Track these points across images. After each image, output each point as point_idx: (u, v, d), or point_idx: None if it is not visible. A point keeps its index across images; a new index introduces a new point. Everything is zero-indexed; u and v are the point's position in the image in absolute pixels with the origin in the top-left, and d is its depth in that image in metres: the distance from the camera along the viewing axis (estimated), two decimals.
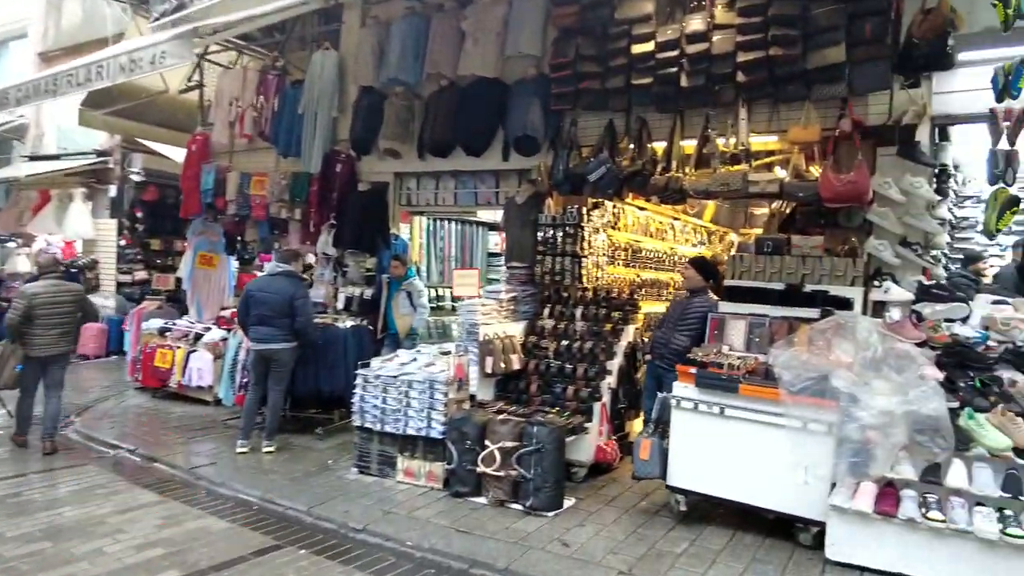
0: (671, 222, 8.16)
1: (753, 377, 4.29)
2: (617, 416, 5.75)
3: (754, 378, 4.28)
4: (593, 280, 6.40)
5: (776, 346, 4.69)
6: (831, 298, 4.90)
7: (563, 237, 6.21)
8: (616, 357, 5.77)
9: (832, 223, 5.33)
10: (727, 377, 4.27)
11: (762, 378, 4.30)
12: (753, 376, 4.31)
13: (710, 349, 4.74)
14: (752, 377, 4.29)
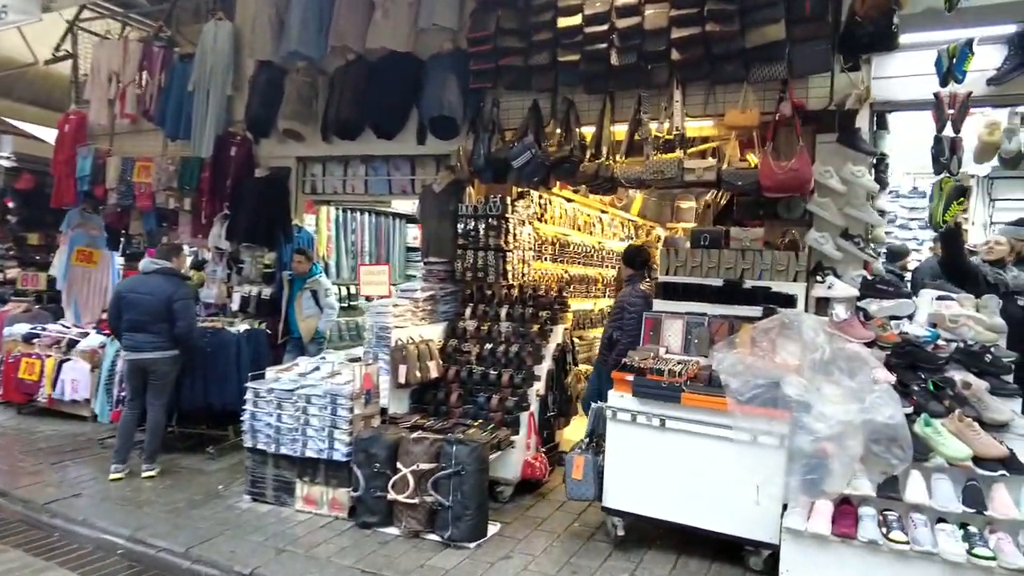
0: (599, 215, 7.70)
1: (696, 384, 3.82)
2: (546, 426, 5.20)
3: (697, 385, 3.81)
4: (519, 277, 5.84)
5: (717, 348, 4.25)
6: (773, 295, 4.51)
7: (485, 229, 5.61)
8: (544, 361, 5.23)
9: (772, 214, 4.95)
10: (667, 385, 3.78)
11: (706, 385, 3.83)
12: (696, 383, 3.84)
13: (647, 352, 4.25)
14: (695, 384, 3.82)
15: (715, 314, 4.55)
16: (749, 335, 4.27)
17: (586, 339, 7.22)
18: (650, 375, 3.85)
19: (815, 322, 4.25)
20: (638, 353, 4.19)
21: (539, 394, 5.13)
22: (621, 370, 3.93)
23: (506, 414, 4.84)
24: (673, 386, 3.75)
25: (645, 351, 4.26)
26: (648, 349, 4.32)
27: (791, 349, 4.13)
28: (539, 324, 5.30)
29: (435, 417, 4.94)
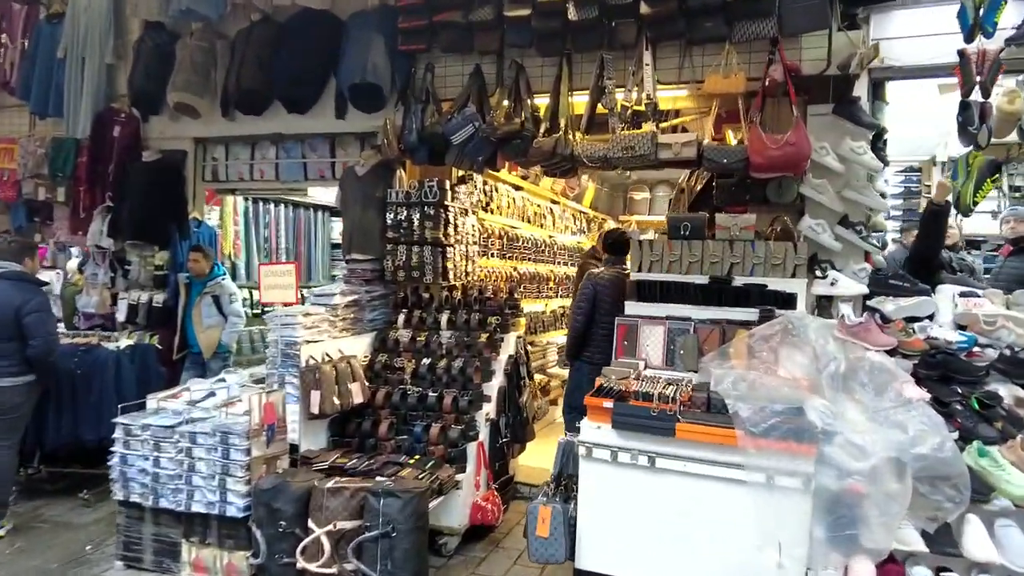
0: (549, 206, 6.83)
1: (693, 412, 2.96)
2: (498, 456, 4.28)
3: (694, 413, 2.95)
4: (462, 276, 4.89)
5: (709, 361, 3.43)
6: (769, 294, 3.71)
7: (420, 220, 4.63)
8: (495, 377, 4.30)
9: (760, 199, 4.16)
10: (658, 413, 2.91)
11: (705, 412, 2.98)
12: (692, 410, 2.98)
13: (625, 369, 3.37)
14: (692, 412, 2.96)
15: (701, 318, 3.72)
16: (745, 344, 3.46)
17: (538, 345, 6.34)
18: (634, 400, 2.97)
19: (822, 326, 3.47)
20: (615, 370, 3.30)
21: (489, 418, 4.20)
22: (597, 394, 3.04)
23: (449, 447, 3.88)
24: (665, 415, 2.88)
25: (623, 368, 3.38)
26: (625, 366, 3.44)
27: (798, 360, 3.33)
28: (487, 333, 4.37)
29: (360, 454, 3.93)
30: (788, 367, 3.34)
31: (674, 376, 3.33)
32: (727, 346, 3.48)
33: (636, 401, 2.97)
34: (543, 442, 5.51)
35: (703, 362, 3.47)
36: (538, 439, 5.02)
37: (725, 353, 3.46)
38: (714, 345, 3.57)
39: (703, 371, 3.37)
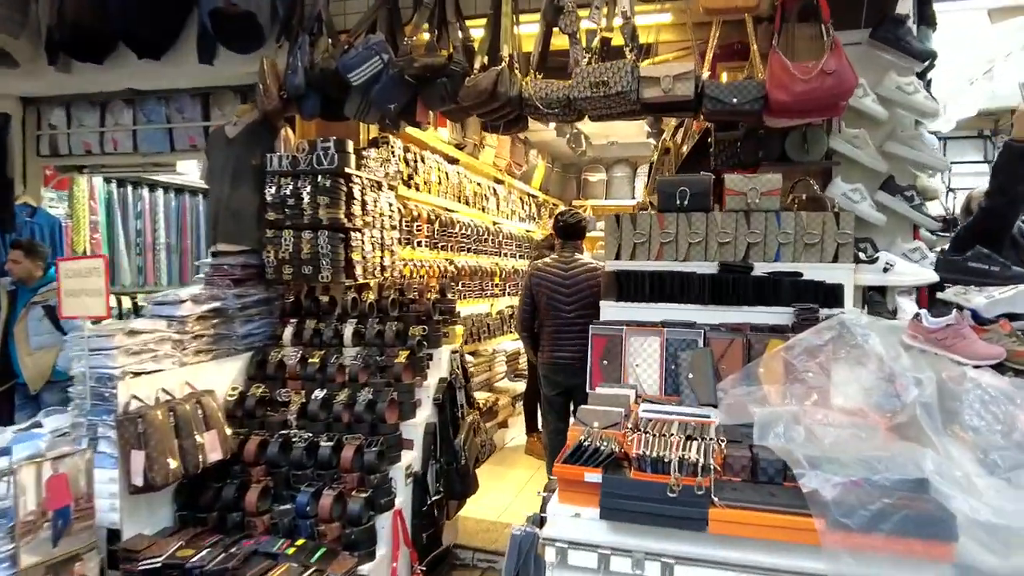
0: (492, 186, 5.57)
1: (732, 487, 1.76)
2: (427, 523, 3.01)
3: (736, 489, 1.75)
4: (375, 272, 3.59)
5: (728, 386, 2.28)
6: (807, 286, 2.57)
7: (313, 195, 3.31)
8: (420, 411, 3.05)
9: (776, 158, 3.01)
10: (680, 493, 1.69)
11: (748, 482, 1.78)
12: (730, 483, 1.77)
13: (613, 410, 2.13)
14: (731, 487, 1.75)
15: (712, 323, 2.55)
16: (781, 360, 2.30)
17: (483, 355, 5.10)
18: (637, 471, 1.75)
19: (888, 331, 2.34)
20: (596, 411, 2.07)
21: (411, 472, 2.94)
22: (574, 460, 1.81)
23: (349, 524, 2.59)
24: (691, 495, 1.67)
25: (607, 405, 2.15)
26: (608, 401, 2.21)
27: (864, 383, 2.20)
28: (409, 349, 3.09)
29: (217, 538, 2.60)
30: (848, 394, 2.20)
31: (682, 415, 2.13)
32: (754, 365, 2.32)
33: (641, 473, 1.75)
34: (492, 480, 4.29)
35: (723, 389, 2.30)
36: (485, 476, 3.80)
37: (752, 376, 2.30)
38: (735, 364, 2.40)
39: (730, 407, 2.19)
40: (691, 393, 2.33)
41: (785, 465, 1.79)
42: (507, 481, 4.42)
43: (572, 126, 5.88)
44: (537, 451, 4.83)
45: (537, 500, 2.18)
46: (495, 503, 4.05)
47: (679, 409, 2.24)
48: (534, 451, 4.87)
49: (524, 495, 4.18)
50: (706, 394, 2.31)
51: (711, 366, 2.37)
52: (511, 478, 4.50)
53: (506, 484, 4.35)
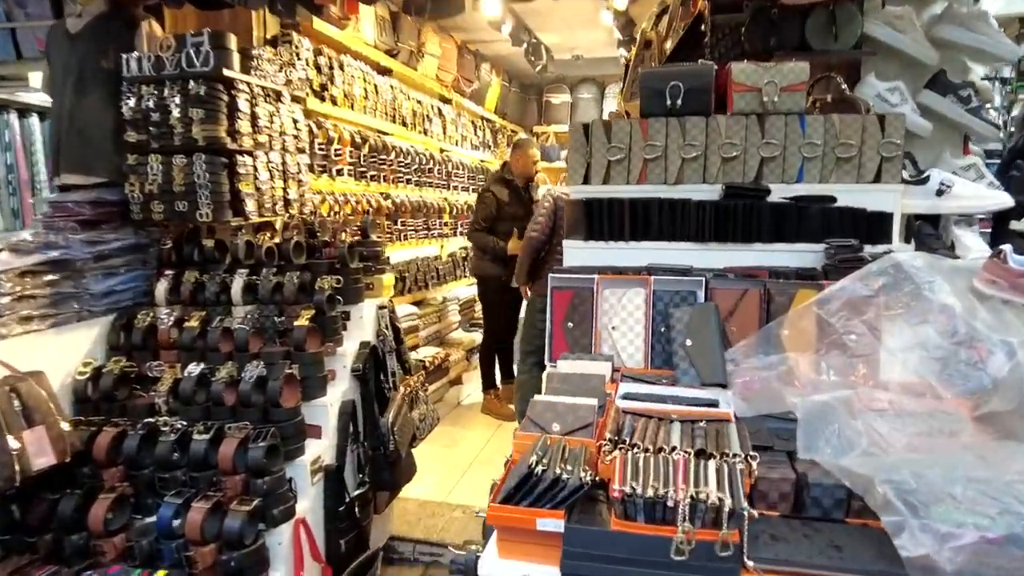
0: (437, 105, 4.71)
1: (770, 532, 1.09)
2: (346, 526, 2.34)
3: (777, 539, 1.09)
4: (276, 208, 2.79)
5: (742, 354, 1.61)
6: (843, 215, 1.89)
7: (184, 107, 2.46)
8: (333, 387, 2.34)
9: (793, 46, 2.26)
10: (692, 554, 1.02)
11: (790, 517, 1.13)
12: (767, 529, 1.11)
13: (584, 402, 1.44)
14: (773, 537, 1.09)
15: (713, 269, 1.86)
16: (814, 318, 1.64)
17: (431, 304, 4.38)
18: (620, 521, 1.08)
19: (952, 274, 1.68)
20: (555, 404, 1.38)
21: (322, 466, 2.25)
22: (521, 495, 1.13)
23: (229, 548, 1.89)
24: (711, 556, 1.01)
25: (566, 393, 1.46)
26: (574, 386, 1.52)
27: (934, 348, 1.56)
28: (316, 308, 2.35)
29: (51, 570, 1.90)
30: (910, 365, 1.56)
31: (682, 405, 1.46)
32: (776, 325, 1.65)
33: (626, 522, 1.07)
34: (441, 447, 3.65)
35: (734, 360, 1.63)
36: (434, 442, 3.17)
37: (773, 340, 1.65)
38: (749, 324, 1.72)
39: (747, 389, 1.52)
40: (689, 368, 1.65)
41: (849, 493, 1.13)
42: (460, 448, 3.78)
43: (531, 34, 5.01)
44: (496, 409, 4.21)
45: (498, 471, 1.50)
46: (444, 478, 3.41)
47: (675, 392, 1.56)
48: (492, 409, 4.24)
49: (480, 465, 3.56)
50: (711, 369, 1.63)
51: (717, 328, 1.68)
52: (465, 443, 3.85)
53: (458, 452, 3.71)
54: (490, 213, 3.90)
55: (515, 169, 3.94)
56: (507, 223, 3.88)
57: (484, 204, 3.92)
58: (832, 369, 1.61)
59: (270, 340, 2.40)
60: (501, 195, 3.91)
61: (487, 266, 3.99)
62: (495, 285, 3.95)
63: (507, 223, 3.88)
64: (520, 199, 3.96)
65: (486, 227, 3.92)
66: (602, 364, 1.69)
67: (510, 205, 3.92)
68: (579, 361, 1.70)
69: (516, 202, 3.94)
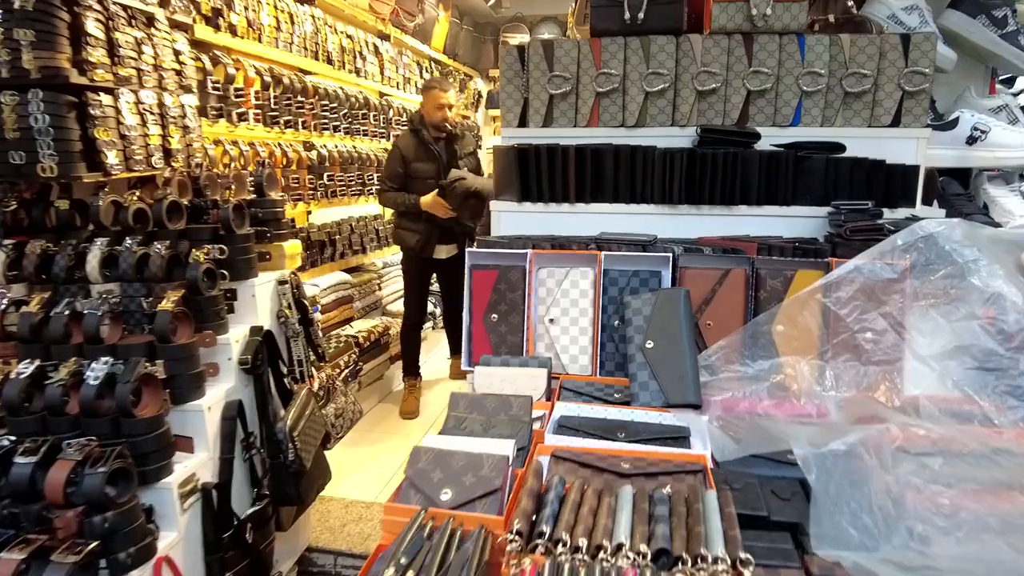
0: (373, 41, 4.10)
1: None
2: (235, 555, 1.89)
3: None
4: (153, 161, 2.24)
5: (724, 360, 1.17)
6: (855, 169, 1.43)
7: (8, 27, 1.88)
8: (213, 384, 1.85)
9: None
10: None
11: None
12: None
13: (491, 420, 1.00)
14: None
15: (683, 240, 1.41)
16: (817, 308, 1.20)
17: (369, 271, 3.87)
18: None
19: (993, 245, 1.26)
20: (441, 452, 0.93)
21: (195, 489, 1.78)
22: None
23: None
24: None
25: (454, 437, 1.00)
26: (492, 406, 1.07)
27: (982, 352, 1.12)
28: (190, 287, 1.84)
29: None
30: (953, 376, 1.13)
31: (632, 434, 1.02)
32: (766, 318, 1.21)
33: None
34: (374, 435, 3.22)
35: (710, 367, 1.19)
36: (367, 430, 2.73)
37: (762, 339, 1.21)
38: (730, 316, 1.28)
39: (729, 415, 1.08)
40: (650, 380, 1.20)
41: None
42: (398, 437, 3.29)
43: None
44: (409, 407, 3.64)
45: None
46: (376, 473, 2.95)
47: (629, 416, 1.12)
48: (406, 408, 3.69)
49: None
50: (679, 382, 1.18)
51: (688, 323, 1.23)
52: (405, 430, 3.37)
53: (396, 442, 3.23)
54: (395, 171, 3.17)
55: (425, 117, 3.21)
56: (419, 183, 3.14)
57: (389, 161, 3.23)
58: (841, 380, 1.19)
59: (136, 328, 1.90)
60: (407, 150, 3.16)
61: (403, 233, 3.27)
62: (410, 255, 3.30)
63: (419, 183, 3.14)
64: (431, 155, 3.19)
65: (393, 188, 3.21)
66: (534, 372, 1.23)
67: (418, 161, 3.16)
68: (504, 369, 1.25)
69: (426, 158, 3.18)
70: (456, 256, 3.31)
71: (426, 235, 3.15)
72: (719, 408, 1.13)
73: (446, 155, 3.21)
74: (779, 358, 1.20)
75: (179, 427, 1.79)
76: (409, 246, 3.22)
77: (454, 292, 3.40)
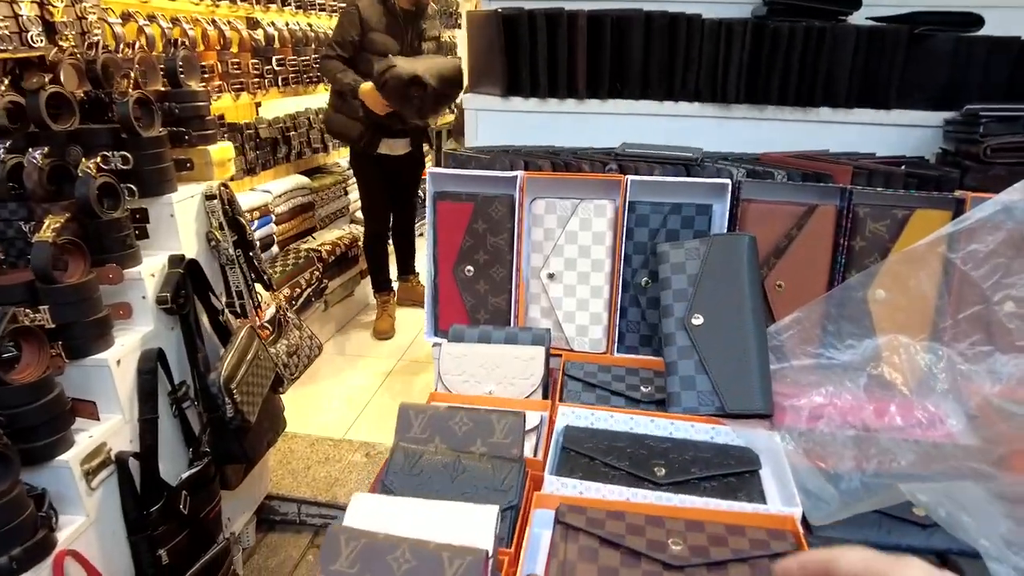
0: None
1: None
2: (165, 531, 1.58)
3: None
4: (30, 38, 1.71)
5: (799, 342, 0.76)
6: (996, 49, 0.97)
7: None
8: (124, 330, 1.45)
9: None
10: None
11: None
12: None
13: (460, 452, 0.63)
14: None
15: (742, 156, 0.97)
16: (941, 265, 0.79)
17: (334, 173, 3.35)
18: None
19: None
20: (342, 548, 0.58)
21: (109, 459, 1.42)
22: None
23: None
24: None
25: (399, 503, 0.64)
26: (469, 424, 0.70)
27: None
28: (80, 208, 1.39)
29: None
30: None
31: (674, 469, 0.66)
32: (864, 280, 0.80)
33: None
34: (344, 362, 2.86)
35: (783, 352, 0.80)
36: (334, 358, 2.39)
37: (855, 309, 0.80)
38: (812, 275, 0.87)
39: (817, 448, 0.71)
40: (698, 374, 0.81)
41: None
42: (368, 364, 2.91)
43: None
44: (417, 295, 3.30)
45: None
46: (344, 408, 2.60)
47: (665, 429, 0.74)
48: (412, 296, 3.35)
49: (393, 385, 2.75)
50: (740, 380, 0.79)
51: (753, 287, 0.83)
52: (377, 353, 2.99)
53: (366, 369, 2.86)
54: (347, 37, 2.53)
55: None
56: (372, 62, 2.46)
57: (342, 23, 2.56)
58: (968, 375, 0.81)
59: (21, 261, 1.48)
60: (369, 12, 2.50)
61: (340, 121, 2.67)
62: (356, 151, 2.73)
63: (372, 62, 2.46)
64: (396, 28, 2.54)
65: (341, 57, 2.56)
66: (526, 353, 0.84)
67: (379, 32, 2.52)
68: (483, 348, 0.86)
69: (389, 30, 2.53)
70: (412, 154, 2.79)
71: (368, 129, 2.57)
72: (796, 416, 0.77)
73: (411, 34, 2.60)
74: (878, 338, 0.82)
75: (79, 388, 1.41)
76: (351, 139, 2.64)
77: (404, 197, 2.91)
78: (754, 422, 0.76)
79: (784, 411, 0.77)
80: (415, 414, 0.70)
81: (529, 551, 0.62)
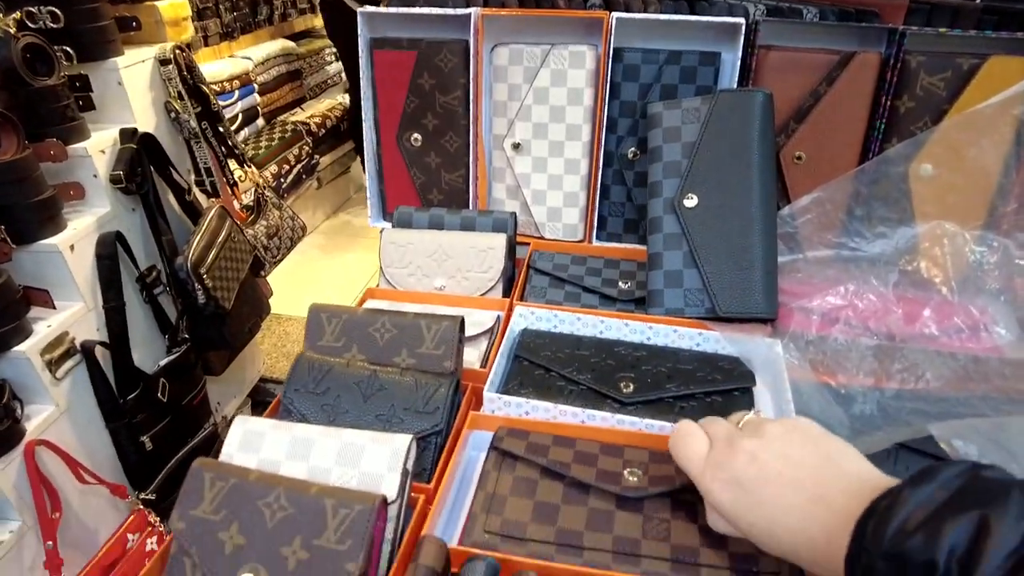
0: None
1: None
2: (145, 419, 1.53)
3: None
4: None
5: (817, 228, 0.59)
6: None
7: None
8: (80, 210, 1.32)
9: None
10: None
11: None
12: None
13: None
14: None
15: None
16: (1011, 126, 0.60)
17: (320, 35, 3.05)
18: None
19: None
20: None
21: (73, 349, 1.34)
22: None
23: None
24: None
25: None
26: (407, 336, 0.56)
27: None
28: (3, 69, 1.21)
29: None
30: None
31: (649, 384, 0.53)
32: (904, 152, 0.62)
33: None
34: (340, 242, 2.74)
35: (797, 231, 0.63)
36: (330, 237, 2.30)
37: (888, 188, 0.62)
38: (840, 146, 0.68)
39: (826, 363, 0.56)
40: (686, 268, 0.65)
41: None
42: (367, 242, 2.80)
43: None
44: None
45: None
46: (343, 284, 2.50)
47: (641, 335, 0.60)
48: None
49: None
50: (740, 277, 0.64)
51: (765, 160, 0.65)
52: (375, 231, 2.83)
53: (363, 249, 2.75)
54: None
55: None
56: None
57: None
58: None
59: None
60: None
61: None
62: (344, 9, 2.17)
63: None
64: None
65: None
66: (485, 241, 0.69)
67: None
68: (434, 235, 0.70)
69: None
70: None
71: None
72: (805, 320, 0.62)
73: None
74: (918, 225, 0.65)
75: (32, 276, 1.30)
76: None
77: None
78: (752, 327, 0.61)
79: (791, 314, 0.62)
80: (328, 318, 0.57)
81: (461, 485, 0.51)
